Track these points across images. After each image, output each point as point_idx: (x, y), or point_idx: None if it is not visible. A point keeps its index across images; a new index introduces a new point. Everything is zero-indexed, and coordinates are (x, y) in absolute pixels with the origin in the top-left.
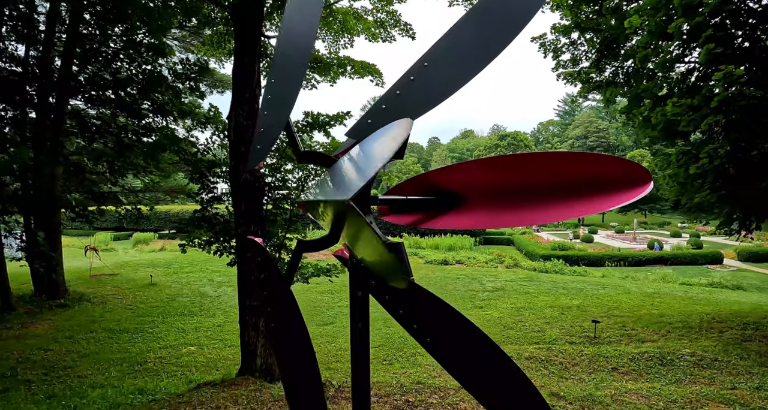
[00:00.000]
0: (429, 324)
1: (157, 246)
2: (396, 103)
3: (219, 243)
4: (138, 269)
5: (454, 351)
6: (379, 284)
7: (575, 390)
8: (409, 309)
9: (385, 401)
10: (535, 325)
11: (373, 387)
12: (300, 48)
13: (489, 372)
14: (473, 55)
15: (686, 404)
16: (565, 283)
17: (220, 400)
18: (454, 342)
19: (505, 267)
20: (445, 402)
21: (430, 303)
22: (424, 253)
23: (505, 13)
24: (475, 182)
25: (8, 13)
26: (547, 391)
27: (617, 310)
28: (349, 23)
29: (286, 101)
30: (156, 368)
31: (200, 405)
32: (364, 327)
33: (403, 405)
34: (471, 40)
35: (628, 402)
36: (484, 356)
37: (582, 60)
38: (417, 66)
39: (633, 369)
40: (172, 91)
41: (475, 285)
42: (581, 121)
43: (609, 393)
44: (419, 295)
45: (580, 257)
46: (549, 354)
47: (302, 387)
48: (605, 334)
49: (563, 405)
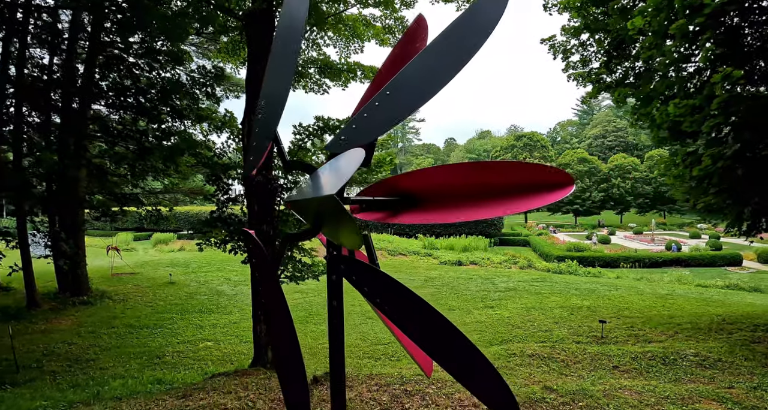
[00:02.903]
0: (386, 297)
1: (176, 246)
2: (364, 123)
3: (234, 242)
4: (158, 268)
5: (404, 314)
6: (348, 268)
7: (570, 385)
8: (371, 287)
9: (384, 390)
10: (543, 325)
11: (375, 378)
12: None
13: (428, 327)
14: (427, 85)
15: (677, 400)
16: (578, 284)
17: (232, 386)
18: (404, 308)
19: (518, 268)
20: (441, 392)
21: (386, 282)
22: (438, 254)
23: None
24: (429, 186)
25: (33, 22)
26: (541, 385)
27: (627, 311)
28: (359, 29)
29: (274, 119)
30: (174, 361)
31: (213, 390)
32: (339, 305)
33: (401, 394)
34: (424, 73)
35: (618, 397)
36: (426, 319)
37: (592, 61)
38: (381, 94)
39: (634, 367)
40: (190, 97)
41: (488, 286)
42: (599, 120)
43: (602, 389)
44: (379, 277)
45: (595, 258)
46: (552, 352)
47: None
48: (612, 334)
49: (554, 397)
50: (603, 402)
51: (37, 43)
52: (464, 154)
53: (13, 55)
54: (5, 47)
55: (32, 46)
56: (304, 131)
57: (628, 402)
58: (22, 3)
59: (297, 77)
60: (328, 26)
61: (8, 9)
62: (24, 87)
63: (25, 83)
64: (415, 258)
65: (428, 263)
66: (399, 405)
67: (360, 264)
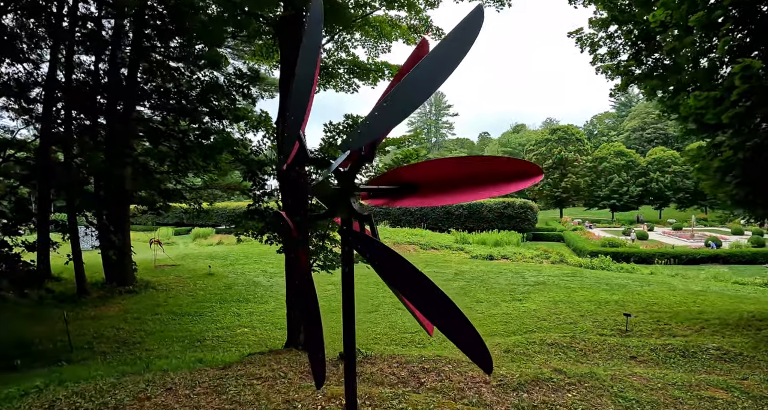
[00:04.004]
0: (382, 261)
1: (215, 240)
2: (365, 129)
3: (269, 232)
4: (197, 260)
5: (395, 274)
6: (355, 240)
7: (580, 369)
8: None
9: (404, 366)
10: (569, 317)
11: (397, 358)
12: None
13: (415, 286)
14: (415, 97)
15: (684, 387)
16: (609, 279)
17: (266, 361)
18: (395, 270)
19: (550, 263)
20: (456, 370)
21: (382, 249)
22: (470, 248)
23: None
24: (424, 176)
25: (79, 30)
26: (551, 368)
27: (656, 306)
28: (386, 30)
29: (299, 122)
30: (213, 344)
31: (249, 364)
32: (350, 270)
33: (419, 370)
34: (412, 88)
35: (625, 381)
36: (412, 278)
37: (620, 53)
38: (380, 105)
39: (651, 358)
40: (228, 98)
41: (517, 280)
42: (638, 112)
43: (611, 374)
44: (377, 246)
45: (630, 254)
46: (571, 341)
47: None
48: (637, 328)
49: (561, 378)
50: (608, 384)
51: (83, 50)
52: (498, 148)
53: (61, 61)
54: (54, 55)
55: (79, 53)
56: (334, 129)
57: (633, 386)
58: (68, 13)
59: (327, 78)
60: (356, 28)
61: (56, 19)
62: (72, 91)
63: (73, 88)
64: (447, 252)
65: (460, 257)
66: (415, 379)
67: (364, 236)
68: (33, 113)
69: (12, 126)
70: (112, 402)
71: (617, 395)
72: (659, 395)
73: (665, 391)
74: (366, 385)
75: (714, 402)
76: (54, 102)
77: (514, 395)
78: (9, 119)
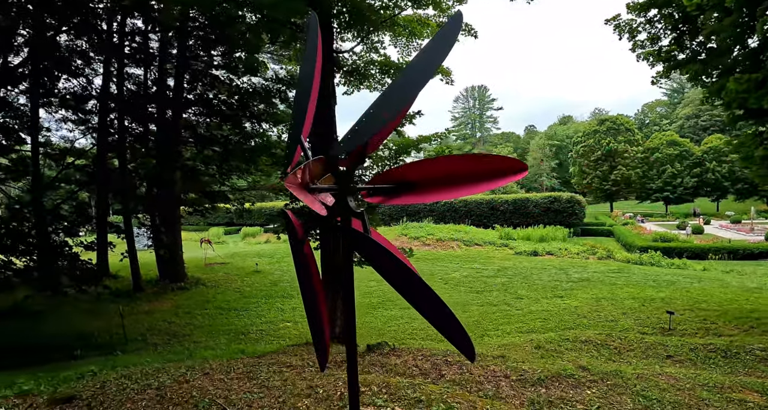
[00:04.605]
0: (376, 258)
1: (263, 238)
2: (354, 134)
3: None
4: (245, 258)
5: (389, 272)
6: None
7: (605, 367)
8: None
9: (428, 359)
10: (611, 315)
11: (423, 351)
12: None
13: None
14: (395, 103)
15: (714, 388)
16: (657, 276)
17: (299, 351)
18: (389, 267)
19: (596, 259)
20: (478, 364)
21: (375, 246)
22: (514, 244)
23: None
24: (420, 175)
25: (128, 45)
26: (577, 364)
27: (704, 304)
28: (416, 29)
29: (300, 127)
30: (256, 337)
31: (283, 354)
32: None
33: (441, 363)
34: (394, 93)
35: (651, 380)
36: (403, 276)
37: (661, 38)
38: (367, 112)
39: (690, 358)
40: (267, 103)
41: (561, 276)
42: (691, 99)
43: (638, 372)
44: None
45: (683, 249)
46: (606, 339)
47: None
48: (681, 326)
49: (584, 375)
50: (632, 382)
51: (133, 63)
52: (545, 142)
53: (113, 74)
54: (106, 68)
55: (129, 65)
56: None
57: (659, 385)
58: (117, 30)
59: (360, 79)
60: (385, 29)
61: (107, 36)
62: (124, 101)
63: (124, 99)
64: (490, 248)
65: (503, 253)
66: (437, 371)
67: (360, 234)
68: (89, 123)
69: (71, 136)
70: (155, 384)
71: (639, 393)
72: (685, 395)
73: (692, 392)
74: (386, 375)
75: (744, 405)
76: (108, 112)
77: (531, 390)
78: (67, 130)
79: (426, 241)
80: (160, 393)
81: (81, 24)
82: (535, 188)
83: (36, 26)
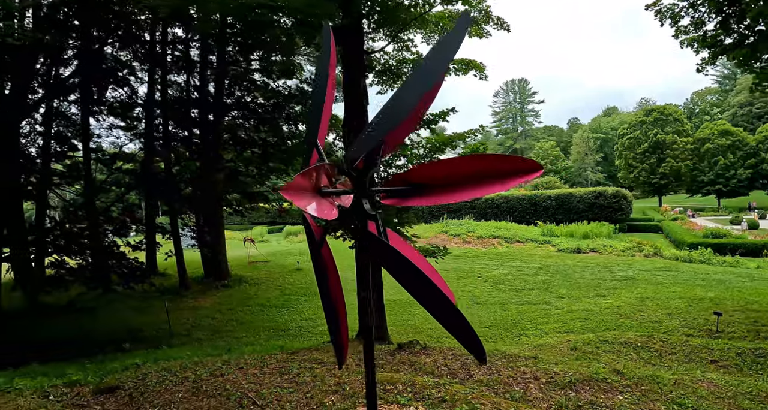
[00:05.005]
0: (389, 260)
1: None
2: (361, 141)
3: (342, 229)
4: (287, 257)
5: (402, 274)
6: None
7: (643, 371)
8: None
9: (458, 359)
10: (655, 315)
11: (454, 350)
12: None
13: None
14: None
15: (757, 397)
16: (707, 274)
17: (330, 348)
18: (402, 269)
19: (642, 256)
20: (509, 365)
21: (388, 249)
22: (557, 241)
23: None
24: (432, 177)
25: (171, 53)
26: (612, 368)
27: (756, 304)
28: (448, 26)
29: (316, 131)
30: (296, 334)
31: (316, 350)
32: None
33: (471, 363)
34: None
35: (689, 387)
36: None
37: (705, 22)
38: (373, 122)
39: (735, 363)
40: (302, 105)
41: (604, 274)
42: (744, 85)
43: (676, 378)
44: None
45: (736, 245)
46: (647, 341)
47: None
48: (730, 329)
49: (618, 379)
50: (668, 388)
51: (175, 71)
52: (589, 134)
53: (157, 81)
54: (150, 76)
55: (171, 73)
56: None
57: (697, 392)
58: (160, 39)
59: (393, 78)
60: (416, 27)
61: (149, 45)
62: (168, 107)
63: (168, 104)
64: (532, 245)
65: (545, 250)
66: (465, 371)
67: (374, 237)
68: (136, 130)
69: (119, 142)
70: (192, 376)
71: (674, 401)
72: (724, 404)
73: (733, 401)
74: (414, 374)
75: None
76: (153, 118)
77: (561, 393)
78: (115, 137)
79: (466, 238)
80: (196, 386)
81: (125, 35)
82: (579, 183)
83: (83, 40)
